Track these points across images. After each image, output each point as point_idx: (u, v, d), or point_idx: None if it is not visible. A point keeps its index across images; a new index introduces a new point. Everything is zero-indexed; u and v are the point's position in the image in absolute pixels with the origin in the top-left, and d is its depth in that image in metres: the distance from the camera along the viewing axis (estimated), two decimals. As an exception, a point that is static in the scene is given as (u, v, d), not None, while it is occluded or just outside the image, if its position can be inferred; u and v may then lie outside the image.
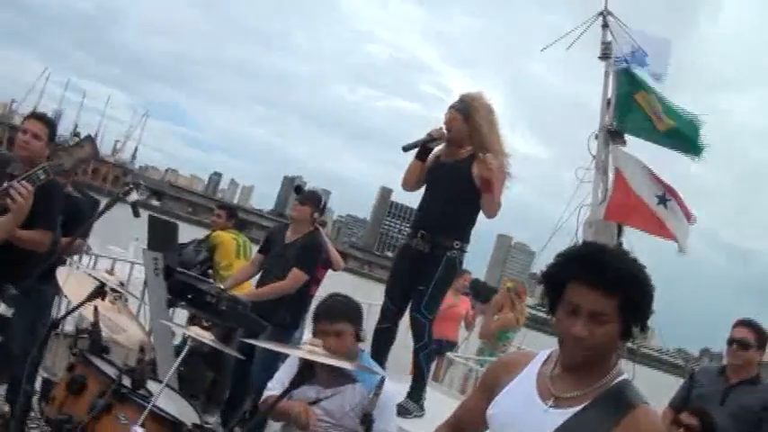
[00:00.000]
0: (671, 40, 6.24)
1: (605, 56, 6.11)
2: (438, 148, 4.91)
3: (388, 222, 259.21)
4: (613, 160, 6.14)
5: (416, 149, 4.85)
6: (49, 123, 4.25)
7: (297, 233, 5.62)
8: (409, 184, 4.93)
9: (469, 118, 4.75)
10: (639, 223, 6.02)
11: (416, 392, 4.91)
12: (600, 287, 1.89)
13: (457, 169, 4.77)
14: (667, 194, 5.93)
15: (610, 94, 6.11)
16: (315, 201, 5.74)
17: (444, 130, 4.80)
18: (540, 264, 2.11)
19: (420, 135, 4.86)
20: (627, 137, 6.10)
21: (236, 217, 7.51)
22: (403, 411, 4.65)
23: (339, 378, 3.25)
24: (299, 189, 5.89)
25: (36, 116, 4.32)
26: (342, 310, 3.41)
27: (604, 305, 1.89)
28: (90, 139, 3.50)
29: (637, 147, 6.16)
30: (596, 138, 6.11)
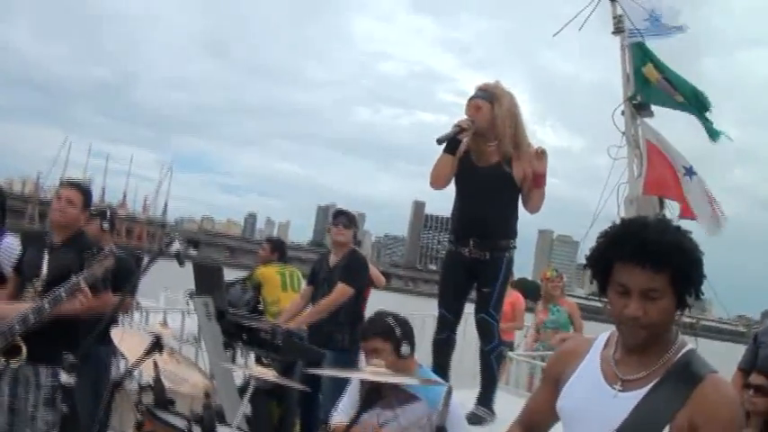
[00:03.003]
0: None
1: (618, 30, 6.05)
2: (463, 144, 4.73)
3: (426, 236, 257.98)
4: (643, 133, 6.05)
5: (445, 143, 4.67)
6: (84, 191, 4.29)
7: (338, 256, 5.61)
8: (441, 179, 4.72)
9: (494, 105, 4.66)
10: (673, 193, 5.93)
11: (487, 397, 4.84)
12: (647, 264, 1.84)
13: (495, 173, 4.70)
14: (693, 168, 5.84)
15: (628, 69, 6.03)
16: (355, 223, 5.81)
17: (470, 121, 4.66)
18: (585, 253, 2.05)
19: (448, 129, 4.69)
20: (653, 108, 6.01)
21: (282, 249, 7.51)
22: (476, 420, 4.60)
23: (401, 397, 3.18)
24: (339, 214, 5.84)
25: (70, 183, 4.38)
26: (372, 328, 3.35)
27: (655, 281, 1.84)
28: (111, 251, 3.80)
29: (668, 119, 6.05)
30: (622, 113, 6.03)
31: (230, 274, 7.12)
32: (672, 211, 5.98)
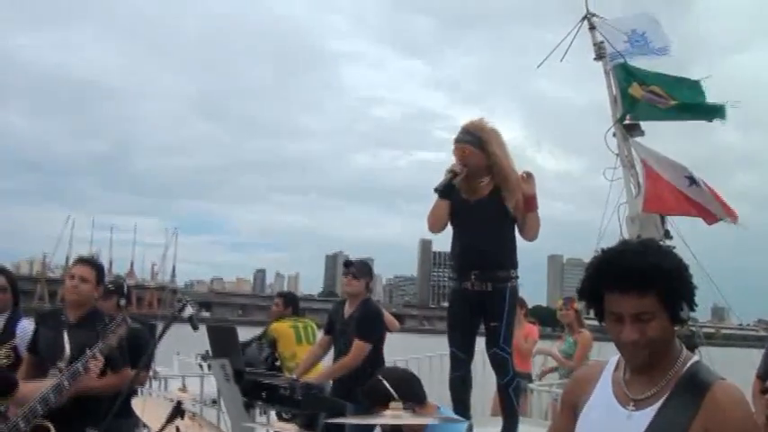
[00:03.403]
0: (655, 15, 6.26)
1: (600, 56, 6.17)
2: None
3: (436, 273, 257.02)
4: (636, 152, 6.11)
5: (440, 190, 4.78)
6: (97, 266, 4.34)
7: (352, 306, 5.62)
8: (439, 224, 4.86)
9: (484, 148, 4.76)
10: (676, 208, 5.98)
11: (509, 430, 4.84)
12: (632, 291, 1.89)
13: (486, 205, 4.79)
14: (695, 175, 5.89)
15: (615, 91, 6.13)
16: (368, 272, 5.74)
17: (461, 165, 4.77)
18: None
19: (441, 176, 4.81)
20: (645, 124, 6.08)
21: (294, 303, 7.53)
22: None
23: None
24: (349, 264, 5.82)
25: (82, 260, 4.42)
26: (371, 399, 3.23)
27: (643, 305, 1.89)
28: (123, 320, 3.81)
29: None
30: (614, 135, 6.10)
31: (245, 333, 7.15)
32: (674, 226, 6.02)
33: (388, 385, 3.23)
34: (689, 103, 5.92)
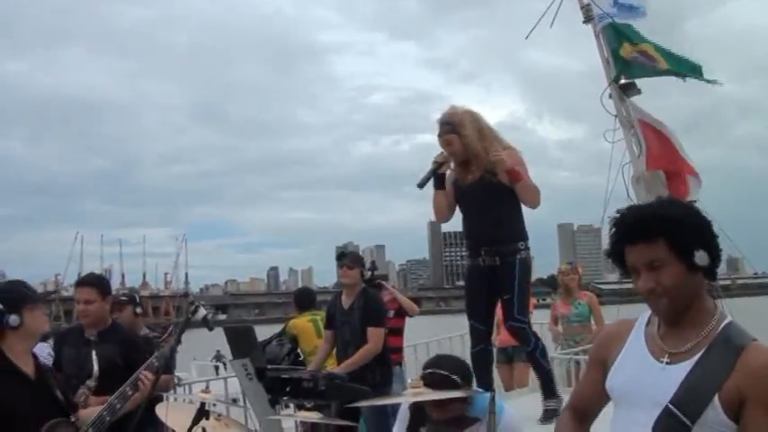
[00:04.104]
0: None
1: (588, 18, 6.10)
2: (450, 173, 5.14)
3: (448, 254, 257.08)
4: (633, 112, 6.07)
5: (432, 181, 5.06)
6: (96, 283, 4.38)
7: (351, 297, 5.75)
8: (442, 215, 5.20)
9: (459, 132, 4.94)
10: (678, 165, 5.96)
11: (549, 389, 5.00)
12: (638, 240, 1.99)
13: (483, 186, 4.96)
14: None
15: (606, 53, 6.07)
16: (360, 261, 5.92)
17: (446, 154, 5.02)
18: (606, 237, 2.18)
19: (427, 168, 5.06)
20: (640, 82, 6.03)
21: (305, 299, 7.57)
22: (550, 413, 4.74)
23: (460, 423, 3.07)
24: (341, 256, 6.00)
25: (81, 282, 4.45)
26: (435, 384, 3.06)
27: (652, 252, 1.97)
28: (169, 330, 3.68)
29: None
30: (610, 97, 6.06)
31: (264, 331, 7.18)
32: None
33: (450, 374, 3.11)
34: (676, 58, 5.90)
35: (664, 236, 1.96)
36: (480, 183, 4.96)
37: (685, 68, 5.97)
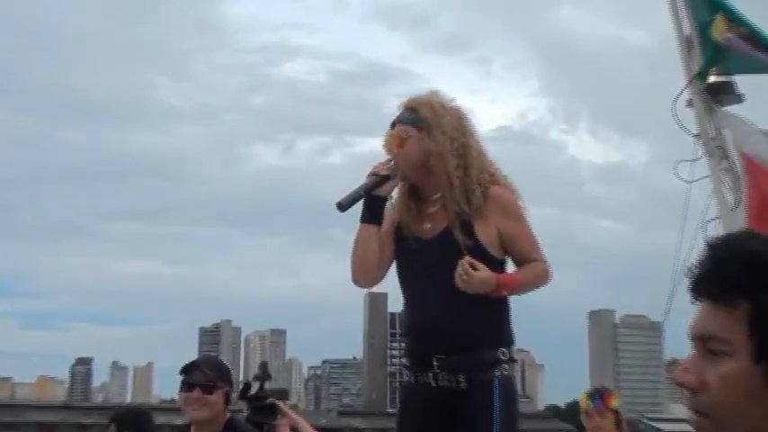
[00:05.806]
0: None
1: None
2: (394, 204, 3.19)
3: (397, 350, 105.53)
4: (730, 134, 3.86)
5: (362, 204, 3.10)
6: None
7: None
8: (366, 271, 3.18)
9: (428, 134, 3.06)
10: None
11: None
12: (704, 297, 1.04)
13: (448, 247, 3.05)
14: None
15: (688, 29, 3.88)
16: (225, 375, 3.47)
17: (392, 163, 3.09)
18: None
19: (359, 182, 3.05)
20: (738, 78, 3.87)
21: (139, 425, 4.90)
22: None
23: None
24: (190, 368, 3.46)
25: None
26: None
27: (716, 321, 1.01)
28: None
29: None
30: (689, 105, 3.87)
31: None
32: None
33: None
34: None
35: (747, 297, 0.98)
36: (444, 240, 3.09)
37: None
